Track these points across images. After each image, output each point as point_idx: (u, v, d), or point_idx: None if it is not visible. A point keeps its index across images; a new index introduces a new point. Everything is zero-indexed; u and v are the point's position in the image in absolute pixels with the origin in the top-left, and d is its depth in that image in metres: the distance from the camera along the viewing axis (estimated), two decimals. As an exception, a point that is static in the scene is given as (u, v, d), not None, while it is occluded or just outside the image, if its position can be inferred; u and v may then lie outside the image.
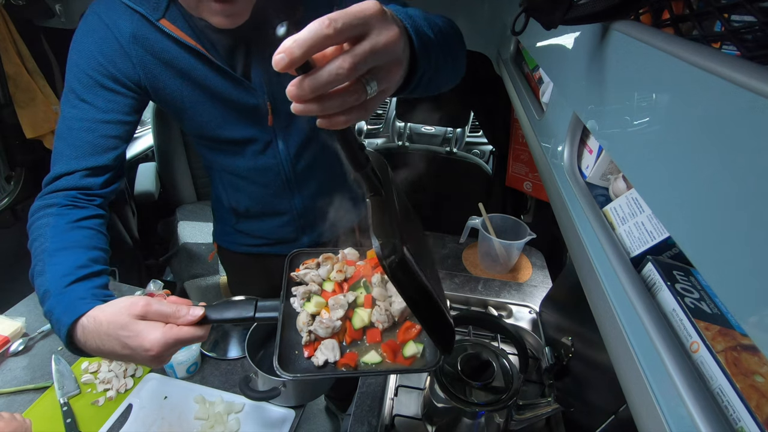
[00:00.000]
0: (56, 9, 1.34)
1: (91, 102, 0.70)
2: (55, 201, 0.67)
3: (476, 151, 2.42)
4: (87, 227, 0.66)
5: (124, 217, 1.88)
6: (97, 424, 0.82)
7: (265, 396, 0.80)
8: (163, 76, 0.73)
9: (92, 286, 0.59)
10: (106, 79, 0.70)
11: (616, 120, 0.39)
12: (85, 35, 0.69)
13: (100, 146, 0.71)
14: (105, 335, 0.52)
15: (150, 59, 0.71)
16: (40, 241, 0.62)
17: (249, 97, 0.78)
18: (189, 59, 0.72)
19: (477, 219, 1.21)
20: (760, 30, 0.26)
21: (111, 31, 0.69)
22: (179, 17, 0.70)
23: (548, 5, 0.41)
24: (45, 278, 0.59)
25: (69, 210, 0.66)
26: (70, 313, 0.54)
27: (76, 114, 0.70)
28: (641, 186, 0.34)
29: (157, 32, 0.70)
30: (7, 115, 1.38)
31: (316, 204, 0.97)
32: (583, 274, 0.46)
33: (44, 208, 0.66)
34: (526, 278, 1.22)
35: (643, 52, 0.33)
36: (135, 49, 0.70)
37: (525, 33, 0.52)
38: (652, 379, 0.31)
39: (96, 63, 0.69)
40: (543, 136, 0.67)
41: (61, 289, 0.57)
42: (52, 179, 0.70)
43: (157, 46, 0.71)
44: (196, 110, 0.79)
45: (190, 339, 0.54)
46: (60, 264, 0.59)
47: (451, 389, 0.72)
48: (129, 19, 0.69)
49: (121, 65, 0.71)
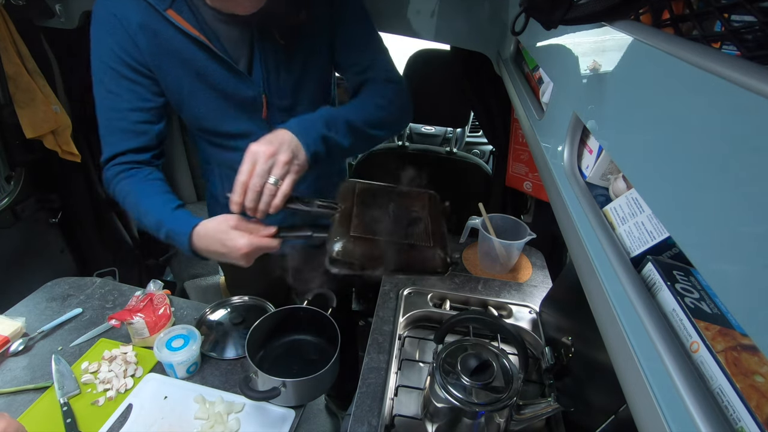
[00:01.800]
0: (56, 9, 1.34)
1: (117, 93, 0.77)
2: (122, 169, 0.81)
3: (476, 151, 2.42)
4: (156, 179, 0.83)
5: (124, 217, 1.88)
6: (97, 424, 0.82)
7: (265, 396, 0.80)
8: (166, 65, 0.76)
9: (188, 212, 0.80)
10: (125, 69, 0.75)
11: (616, 120, 0.39)
12: (99, 29, 0.74)
13: (134, 131, 0.80)
14: (211, 239, 0.74)
15: (155, 47, 0.74)
16: (132, 196, 0.80)
17: (246, 89, 0.80)
18: (192, 49, 0.75)
19: (477, 219, 1.21)
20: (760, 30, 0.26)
21: (120, 21, 0.72)
22: (185, 8, 0.73)
23: (548, 5, 0.41)
24: (151, 214, 0.79)
25: (136, 171, 0.82)
26: (186, 225, 0.76)
27: (108, 104, 0.79)
28: (641, 186, 0.34)
29: (163, 21, 0.73)
30: (7, 115, 1.38)
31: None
32: (583, 274, 0.46)
33: (116, 175, 0.81)
34: (526, 278, 1.22)
35: (643, 52, 0.33)
36: (141, 37, 0.73)
37: (525, 33, 0.52)
38: (652, 379, 0.31)
39: (114, 54, 0.74)
40: (543, 136, 0.67)
41: (170, 214, 0.78)
42: (107, 159, 0.82)
43: (162, 35, 0.73)
44: (194, 100, 0.81)
45: (267, 246, 0.74)
46: (157, 203, 0.80)
47: (452, 389, 0.72)
48: (137, 8, 0.72)
49: (133, 53, 0.75)
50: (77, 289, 1.16)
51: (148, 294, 1.03)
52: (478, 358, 0.74)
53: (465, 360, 0.74)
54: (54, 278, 1.19)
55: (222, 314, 1.09)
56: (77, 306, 1.09)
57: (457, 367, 0.74)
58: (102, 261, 1.84)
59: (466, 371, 0.73)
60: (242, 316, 1.06)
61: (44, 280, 1.18)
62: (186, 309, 1.12)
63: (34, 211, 1.57)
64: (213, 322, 1.07)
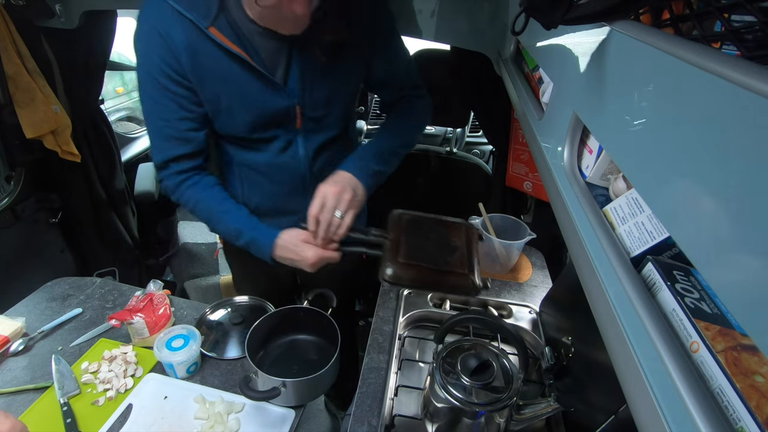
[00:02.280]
0: (56, 9, 1.34)
1: (163, 103, 0.81)
2: (184, 178, 0.88)
3: (476, 151, 2.42)
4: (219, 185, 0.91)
5: (124, 217, 1.88)
6: (97, 424, 0.82)
7: (265, 396, 0.80)
8: (206, 80, 0.79)
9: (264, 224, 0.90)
10: (168, 82, 0.79)
11: (616, 120, 0.39)
12: (145, 45, 0.77)
13: (183, 138, 0.84)
14: (287, 249, 0.87)
15: (197, 64, 0.77)
16: (204, 203, 0.89)
17: (281, 101, 0.83)
18: (231, 65, 0.78)
19: (477, 219, 1.21)
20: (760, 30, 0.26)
21: (165, 40, 0.75)
22: (226, 26, 0.75)
23: (548, 5, 0.41)
24: (229, 222, 0.89)
25: (198, 178, 0.89)
26: (269, 237, 0.87)
27: (156, 113, 0.83)
28: (641, 186, 0.34)
29: (205, 39, 0.75)
30: (7, 115, 1.38)
31: None
32: (583, 274, 0.46)
33: (180, 184, 0.88)
34: (526, 278, 1.22)
35: (643, 52, 0.33)
36: (184, 54, 0.76)
37: (525, 33, 0.52)
38: (652, 379, 0.31)
39: (159, 69, 0.77)
40: (543, 136, 0.67)
41: (251, 224, 0.89)
42: (162, 164, 0.87)
43: (204, 53, 0.76)
44: (230, 112, 0.84)
45: (330, 258, 0.87)
46: (233, 212, 0.89)
47: (452, 389, 0.72)
48: (181, 27, 0.74)
49: (176, 67, 0.78)
50: (77, 289, 1.16)
51: (148, 294, 1.03)
52: (478, 358, 0.74)
53: (465, 360, 0.74)
54: (54, 278, 1.19)
55: (222, 314, 1.09)
56: (77, 306, 1.09)
57: (457, 367, 0.74)
58: (102, 261, 1.84)
59: (466, 371, 0.73)
60: (242, 316, 1.06)
61: (44, 280, 1.18)
62: (186, 309, 1.12)
63: (34, 211, 1.57)
64: (213, 322, 1.07)
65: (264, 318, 0.94)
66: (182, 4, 0.73)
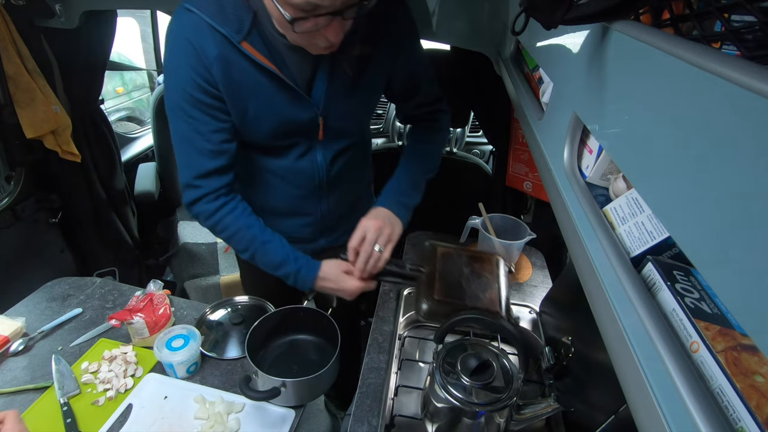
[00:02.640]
0: (56, 9, 1.34)
1: (198, 117, 0.80)
2: (222, 203, 0.86)
3: (476, 151, 2.41)
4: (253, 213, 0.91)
5: (124, 217, 1.88)
6: (97, 424, 0.82)
7: (265, 396, 0.80)
8: (236, 92, 0.79)
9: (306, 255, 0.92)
10: (202, 94, 0.78)
11: (616, 120, 0.39)
12: (179, 58, 0.77)
13: (218, 151, 0.83)
14: (328, 280, 0.90)
15: (227, 77, 0.77)
16: (244, 232, 0.88)
17: (306, 112, 0.84)
18: (261, 79, 0.78)
19: (477, 219, 1.21)
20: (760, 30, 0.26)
21: (196, 50, 0.75)
22: (258, 40, 0.76)
23: (548, 5, 0.41)
24: (271, 255, 0.89)
25: (233, 204, 0.88)
26: (313, 269, 0.90)
27: (190, 127, 0.81)
28: (641, 186, 0.34)
29: (237, 54, 0.76)
30: (7, 115, 1.38)
31: (338, 208, 1.03)
32: (583, 274, 0.46)
33: (219, 209, 0.87)
34: (526, 278, 1.22)
35: (643, 52, 0.33)
36: (216, 67, 0.76)
37: (525, 33, 0.52)
38: (652, 379, 0.31)
39: (193, 82, 0.77)
40: (543, 136, 0.67)
41: (297, 257, 0.90)
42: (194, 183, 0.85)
43: (235, 66, 0.77)
44: (255, 123, 0.84)
45: (368, 288, 0.92)
46: (276, 243, 0.90)
47: (452, 389, 0.72)
48: (214, 41, 0.74)
49: (208, 79, 0.77)
50: (77, 289, 1.16)
51: (148, 294, 1.03)
52: (478, 358, 0.74)
53: (465, 360, 0.74)
54: (54, 278, 1.19)
55: (222, 314, 1.09)
56: (77, 306, 1.10)
57: (457, 367, 0.74)
58: (102, 261, 1.84)
59: (466, 371, 0.73)
60: (242, 316, 1.06)
61: (44, 280, 1.18)
62: (186, 309, 1.12)
63: (34, 211, 1.57)
64: (213, 322, 1.07)
65: (264, 318, 0.94)
66: (215, 19, 0.73)
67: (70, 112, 1.55)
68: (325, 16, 0.63)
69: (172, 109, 0.81)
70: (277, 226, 1.01)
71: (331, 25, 0.66)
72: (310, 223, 1.02)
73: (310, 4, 0.61)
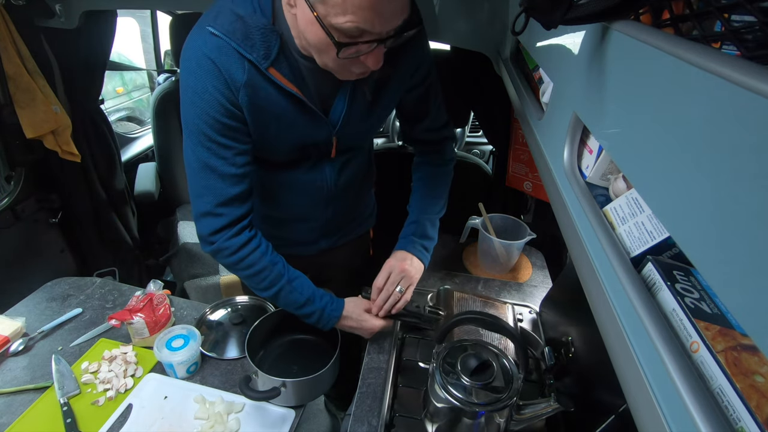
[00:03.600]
0: (56, 9, 1.34)
1: (221, 142, 0.77)
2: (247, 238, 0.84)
3: (476, 151, 2.42)
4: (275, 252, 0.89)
5: (124, 217, 1.88)
6: (97, 424, 0.82)
7: (265, 396, 0.80)
8: (259, 117, 0.78)
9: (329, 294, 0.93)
10: (228, 119, 0.75)
11: (616, 120, 0.39)
12: (204, 80, 0.73)
13: (241, 175, 0.80)
14: (351, 319, 0.93)
15: (252, 101, 0.76)
16: (269, 270, 0.85)
17: (322, 132, 0.84)
18: (284, 102, 0.77)
19: (477, 219, 1.21)
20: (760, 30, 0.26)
21: (224, 77, 0.72)
22: (285, 65, 0.75)
23: (548, 5, 0.41)
24: (296, 292, 0.88)
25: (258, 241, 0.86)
26: (338, 309, 0.92)
27: (212, 152, 0.77)
28: (641, 186, 0.34)
29: (263, 79, 0.74)
30: (7, 115, 1.38)
31: (343, 213, 1.04)
32: (583, 274, 0.46)
33: (244, 245, 0.84)
34: (526, 278, 1.22)
35: (643, 52, 0.33)
36: (244, 94, 0.74)
37: (525, 33, 0.52)
38: (652, 379, 0.31)
39: (219, 106, 0.74)
40: (543, 136, 0.67)
41: (321, 295, 0.91)
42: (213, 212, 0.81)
43: (262, 93, 0.75)
44: (274, 142, 0.83)
45: (387, 327, 0.96)
46: (302, 281, 0.89)
47: (452, 389, 0.72)
48: (241, 67, 0.72)
49: (233, 100, 0.75)
50: (77, 289, 1.16)
51: (148, 294, 1.03)
52: (478, 358, 0.74)
53: (465, 360, 0.74)
54: (54, 278, 1.19)
55: (222, 314, 1.09)
56: (77, 306, 1.10)
57: (457, 367, 0.74)
58: (102, 261, 1.84)
59: (466, 371, 0.73)
60: (242, 316, 1.06)
61: (44, 280, 1.18)
62: (186, 309, 1.12)
63: (34, 211, 1.57)
64: (213, 322, 1.07)
65: (264, 318, 0.94)
66: (243, 45, 0.71)
67: (70, 112, 1.55)
68: (369, 43, 0.63)
69: (191, 134, 0.77)
70: (281, 231, 1.01)
71: (373, 52, 0.65)
72: (314, 228, 1.03)
73: (358, 29, 0.60)
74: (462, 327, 0.92)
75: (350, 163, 0.96)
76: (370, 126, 0.92)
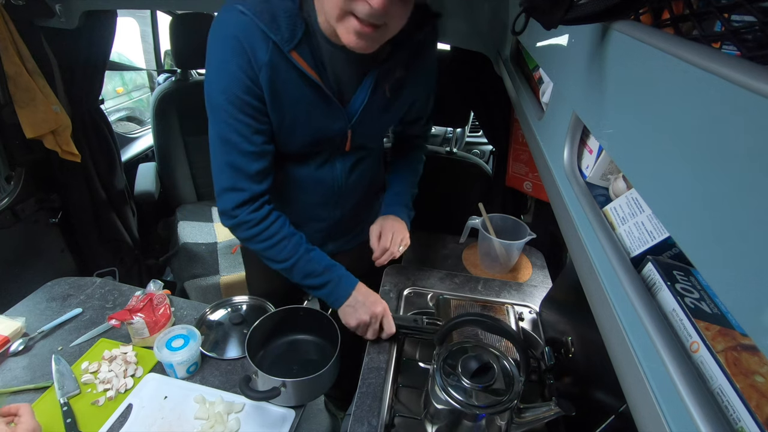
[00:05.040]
0: (56, 9, 1.34)
1: (240, 119, 0.78)
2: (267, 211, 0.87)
3: (476, 151, 2.42)
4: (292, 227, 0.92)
5: (124, 217, 1.88)
6: (97, 424, 0.82)
7: (265, 396, 0.80)
8: (277, 101, 0.79)
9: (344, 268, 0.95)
10: (248, 96, 0.77)
11: (616, 120, 0.39)
12: (228, 57, 0.75)
13: (259, 153, 0.82)
14: (361, 293, 0.93)
15: (273, 83, 0.77)
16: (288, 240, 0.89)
17: (338, 124, 0.85)
18: (304, 89, 0.79)
19: (477, 219, 1.21)
20: (760, 30, 0.26)
21: (248, 56, 0.74)
22: (307, 50, 0.76)
23: (548, 5, 0.41)
24: (314, 262, 0.91)
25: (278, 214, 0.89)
26: (354, 281, 0.94)
27: (232, 128, 0.79)
28: (641, 186, 0.34)
29: (285, 62, 0.76)
30: (7, 115, 1.38)
31: (351, 215, 1.05)
32: (583, 274, 0.46)
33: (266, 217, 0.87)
34: (526, 278, 1.22)
35: (643, 52, 0.33)
36: (265, 74, 0.76)
37: (525, 33, 0.52)
38: (652, 379, 0.31)
39: (240, 83, 0.76)
40: (543, 136, 0.67)
41: (339, 266, 0.93)
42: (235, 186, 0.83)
43: (282, 75, 0.77)
44: (291, 132, 0.84)
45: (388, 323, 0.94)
46: (318, 252, 0.93)
47: (452, 391, 0.72)
48: (264, 46, 0.74)
49: (255, 79, 0.76)
50: (77, 289, 1.16)
51: (148, 294, 1.03)
52: (478, 359, 0.74)
53: (466, 362, 0.74)
54: (54, 278, 1.19)
55: (222, 314, 1.09)
56: (77, 306, 1.09)
57: (457, 368, 0.74)
58: (102, 261, 1.84)
59: (467, 373, 0.73)
60: (242, 316, 1.06)
61: (44, 280, 1.18)
62: (186, 309, 1.12)
63: (34, 211, 1.57)
64: (213, 322, 1.07)
65: (264, 318, 0.94)
66: (268, 26, 0.72)
67: (70, 112, 1.55)
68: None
69: (214, 109, 0.79)
70: None
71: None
72: (321, 229, 1.04)
73: None
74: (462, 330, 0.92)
75: (361, 163, 0.97)
76: (384, 124, 0.94)
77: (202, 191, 2.11)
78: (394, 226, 1.00)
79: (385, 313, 0.93)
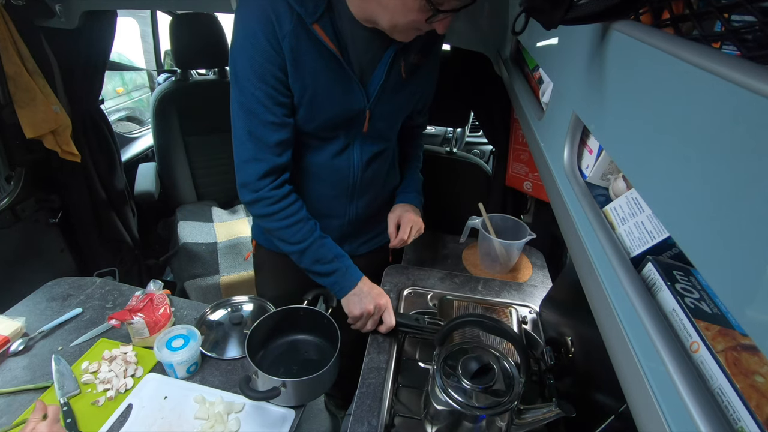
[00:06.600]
0: (56, 9, 1.34)
1: (264, 89, 0.80)
2: (287, 190, 0.89)
3: (476, 151, 2.41)
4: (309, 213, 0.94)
5: (124, 217, 1.88)
6: (97, 424, 0.82)
7: (265, 396, 0.80)
8: (298, 72, 0.81)
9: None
10: (271, 66, 0.79)
11: (616, 120, 0.39)
12: (254, 26, 0.76)
13: (281, 123, 0.83)
14: (366, 283, 0.95)
15: (295, 55, 0.79)
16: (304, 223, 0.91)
17: (357, 103, 0.87)
18: (324, 63, 0.81)
19: (477, 219, 1.21)
20: (760, 30, 0.26)
21: (273, 24, 0.76)
22: (329, 24, 0.78)
23: (548, 5, 0.41)
24: (326, 248, 0.93)
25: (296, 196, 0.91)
26: (359, 275, 0.95)
27: (254, 98, 0.80)
28: (641, 186, 0.34)
29: (307, 34, 0.77)
30: (7, 115, 1.38)
31: (366, 213, 1.06)
32: (583, 274, 0.46)
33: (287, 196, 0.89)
34: (526, 278, 1.22)
35: (643, 52, 0.33)
36: (287, 43, 0.77)
37: (525, 33, 0.52)
38: (652, 379, 0.31)
39: (264, 52, 0.77)
40: (543, 136, 0.67)
41: (346, 259, 0.95)
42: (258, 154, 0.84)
43: (303, 46, 0.78)
44: (310, 108, 0.85)
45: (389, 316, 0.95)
46: (331, 242, 0.95)
47: (452, 392, 0.72)
48: (289, 16, 0.76)
49: (279, 50, 0.78)
50: (77, 289, 1.16)
51: (148, 294, 1.03)
52: (479, 360, 0.74)
53: (466, 363, 0.74)
54: (54, 278, 1.19)
55: (222, 314, 1.09)
56: (77, 306, 1.10)
57: (458, 369, 0.74)
58: (102, 261, 1.84)
59: (467, 374, 0.73)
60: (242, 316, 1.06)
61: (44, 280, 1.18)
62: (186, 309, 1.12)
63: (34, 211, 1.57)
64: (213, 322, 1.07)
65: (264, 318, 0.94)
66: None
67: (70, 112, 1.55)
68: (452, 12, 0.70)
69: (237, 80, 0.80)
70: None
71: (447, 18, 0.73)
72: (337, 227, 1.04)
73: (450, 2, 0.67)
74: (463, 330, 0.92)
75: (378, 156, 0.98)
76: (398, 108, 0.95)
77: (202, 191, 2.11)
78: (412, 218, 1.04)
79: (387, 306, 0.95)
